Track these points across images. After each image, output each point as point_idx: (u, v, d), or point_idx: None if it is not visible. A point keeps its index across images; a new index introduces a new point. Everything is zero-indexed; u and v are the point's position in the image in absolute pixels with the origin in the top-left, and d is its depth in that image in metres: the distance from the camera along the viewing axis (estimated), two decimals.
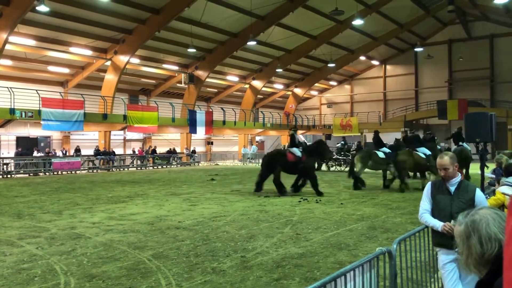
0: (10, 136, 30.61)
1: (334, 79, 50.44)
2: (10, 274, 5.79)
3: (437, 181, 4.08)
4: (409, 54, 45.88)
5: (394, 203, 11.91)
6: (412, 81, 46.58)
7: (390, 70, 48.37)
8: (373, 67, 48.94)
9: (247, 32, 30.30)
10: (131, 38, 28.44)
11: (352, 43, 39.87)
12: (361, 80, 50.43)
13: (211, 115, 35.19)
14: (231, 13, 28.93)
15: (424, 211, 4.01)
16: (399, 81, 47.46)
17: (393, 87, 47.71)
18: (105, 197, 13.92)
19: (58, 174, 25.84)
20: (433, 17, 39.69)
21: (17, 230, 8.74)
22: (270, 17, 30.72)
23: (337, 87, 52.05)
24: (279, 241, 7.53)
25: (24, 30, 25.06)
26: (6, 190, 16.69)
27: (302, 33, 34.96)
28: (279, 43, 35.50)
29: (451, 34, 43.54)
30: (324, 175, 21.97)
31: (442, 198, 3.91)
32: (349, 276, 2.87)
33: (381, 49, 43.97)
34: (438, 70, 44.55)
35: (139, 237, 7.96)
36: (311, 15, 31.82)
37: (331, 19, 33.07)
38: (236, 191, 15.19)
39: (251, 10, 28.59)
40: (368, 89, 49.24)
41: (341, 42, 38.51)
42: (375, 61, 47.38)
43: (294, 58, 38.41)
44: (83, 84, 32.95)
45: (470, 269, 1.59)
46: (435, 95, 43.40)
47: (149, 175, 23.89)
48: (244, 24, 30.98)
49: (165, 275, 5.69)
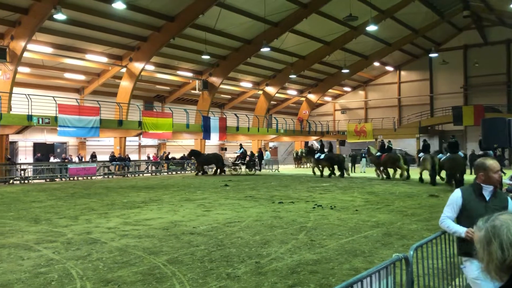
0: (27, 142, 31.10)
1: (348, 85, 50.29)
2: (28, 278, 5.86)
3: (469, 188, 3.91)
4: (423, 60, 45.58)
5: (410, 210, 11.79)
6: (427, 87, 46.23)
7: (404, 76, 48.07)
8: (387, 73, 48.70)
9: (261, 38, 30.43)
10: (146, 46, 28.75)
11: (366, 49, 39.75)
12: (375, 86, 50.20)
13: (224, 121, 35.32)
14: (245, 20, 29.09)
15: (445, 217, 3.88)
16: (413, 87, 47.14)
17: (408, 93, 47.40)
18: (120, 203, 14.03)
19: (74, 179, 26.14)
20: (448, 22, 39.44)
21: (34, 234, 8.85)
22: (284, 24, 30.82)
23: (351, 93, 51.88)
24: (293, 247, 7.50)
25: (42, 38, 25.52)
26: (24, 195, 16.92)
27: (315, 39, 34.98)
28: (292, 49, 35.56)
29: (466, 39, 43.17)
30: (338, 182, 21.88)
31: (476, 205, 3.71)
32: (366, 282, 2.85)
33: (395, 55, 43.76)
34: (453, 76, 44.15)
35: (154, 242, 8.00)
36: (324, 21, 31.85)
37: (344, 25, 33.06)
38: (250, 197, 15.19)
39: (265, 16, 28.72)
40: (383, 95, 48.97)
41: (355, 48, 38.41)
42: (389, 67, 47.15)
43: (307, 64, 38.42)
44: (99, 91, 33.38)
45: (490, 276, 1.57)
46: (451, 101, 43.01)
47: (163, 181, 24.03)
48: (257, 30, 31.12)
49: (180, 280, 5.71)
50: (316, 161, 25.87)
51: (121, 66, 30.32)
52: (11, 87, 24.42)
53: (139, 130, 29.52)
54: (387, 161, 23.40)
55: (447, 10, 36.47)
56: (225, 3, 26.63)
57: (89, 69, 31.42)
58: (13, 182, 24.31)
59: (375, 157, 24.37)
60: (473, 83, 43.64)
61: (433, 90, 45.96)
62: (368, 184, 20.38)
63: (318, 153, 25.90)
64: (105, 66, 30.97)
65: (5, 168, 24.58)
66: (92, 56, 29.12)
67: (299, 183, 21.37)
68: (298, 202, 13.70)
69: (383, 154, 23.70)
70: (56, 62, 29.06)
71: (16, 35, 23.60)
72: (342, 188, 18.26)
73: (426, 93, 46.19)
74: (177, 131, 32.30)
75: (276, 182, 21.88)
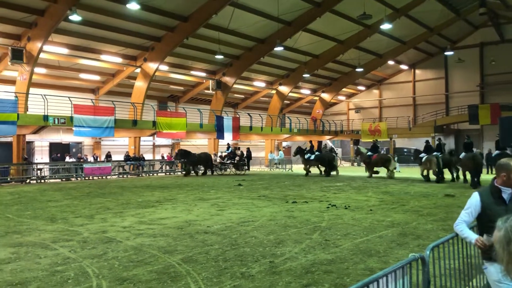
0: (43, 142, 31.50)
1: (362, 84, 49.98)
2: (45, 276, 5.94)
3: (486, 190, 3.80)
4: (439, 58, 45.06)
5: (425, 210, 11.67)
6: (442, 86, 45.69)
7: (419, 75, 47.60)
8: (402, 71, 48.27)
9: (274, 38, 30.39)
10: (160, 46, 28.91)
11: (380, 48, 39.45)
12: (389, 85, 49.79)
13: (238, 121, 35.37)
14: (258, 19, 29.08)
15: (462, 221, 3.79)
16: (428, 86, 46.64)
17: (423, 91, 46.92)
18: (135, 202, 14.14)
19: (89, 179, 26.40)
20: (464, 20, 38.91)
21: (50, 233, 8.97)
22: (297, 23, 30.73)
23: (365, 92, 51.55)
24: (307, 247, 7.48)
25: (58, 39, 25.80)
26: (40, 194, 17.16)
27: (329, 38, 34.83)
28: (306, 49, 35.46)
29: (482, 37, 42.56)
30: (352, 181, 21.76)
31: (496, 209, 3.60)
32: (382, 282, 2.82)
33: (410, 53, 43.33)
34: (469, 74, 43.54)
35: (169, 241, 8.05)
36: (338, 20, 31.68)
37: (358, 24, 32.86)
38: (264, 197, 15.19)
39: (278, 16, 28.67)
40: (397, 94, 48.55)
41: (369, 46, 38.14)
42: (404, 65, 46.72)
43: (321, 63, 38.27)
44: (114, 91, 33.67)
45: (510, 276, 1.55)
46: (466, 99, 42.42)
47: (177, 180, 24.15)
48: (271, 30, 31.08)
49: (194, 279, 5.73)
50: (306, 161, 26.85)
51: (136, 67, 30.54)
52: (28, 88, 24.76)
53: (153, 130, 29.70)
54: (378, 161, 24.72)
55: (463, 7, 36.00)
56: (239, 3, 26.64)
57: (104, 69, 31.71)
58: (29, 181, 24.66)
59: (366, 156, 25.36)
60: (490, 81, 43.00)
61: (448, 88, 45.40)
62: (383, 183, 20.24)
63: (308, 154, 26.82)
64: (119, 66, 31.22)
65: (22, 167, 24.95)
66: (107, 57, 29.37)
67: (313, 182, 21.30)
68: (312, 201, 13.67)
69: (374, 154, 25.06)
70: (71, 63, 29.37)
71: (33, 37, 23.92)
72: (356, 188, 18.16)
73: (441, 92, 45.67)
74: (190, 131, 32.43)
75: (289, 182, 21.85)
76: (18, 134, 24.31)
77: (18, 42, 24.56)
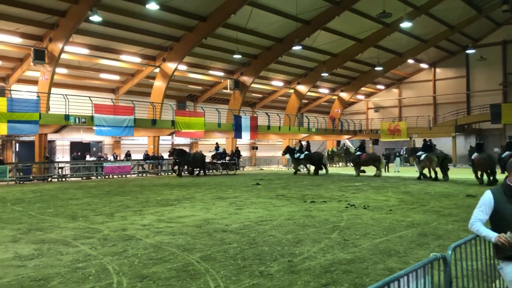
0: (64, 141, 32.03)
1: (381, 83, 49.52)
2: (67, 272, 6.04)
3: (499, 188, 3.77)
4: (460, 56, 44.38)
5: (446, 210, 11.51)
6: (463, 84, 44.98)
7: (440, 73, 46.95)
8: (422, 70, 47.69)
9: (292, 37, 30.30)
10: (179, 46, 29.10)
11: (400, 46, 39.02)
12: (409, 84, 49.24)
13: (255, 120, 35.39)
14: (276, 19, 29.04)
15: (477, 220, 3.76)
16: (449, 85, 45.97)
17: (443, 90, 46.27)
18: (154, 200, 14.27)
19: (109, 177, 26.74)
20: (486, 17, 38.24)
21: (72, 231, 9.11)
22: (316, 22, 30.59)
23: (385, 91, 51.07)
24: (326, 246, 7.44)
25: (78, 40, 26.19)
26: (61, 192, 17.44)
27: (348, 37, 34.59)
28: (324, 47, 35.27)
29: (505, 34, 41.74)
30: (371, 181, 21.59)
31: (508, 208, 3.60)
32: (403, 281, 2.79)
33: (430, 51, 42.76)
34: (491, 73, 42.77)
35: (188, 239, 8.09)
36: (357, 18, 31.44)
37: (378, 22, 32.56)
38: (282, 196, 15.16)
39: (297, 15, 28.59)
40: (417, 93, 47.97)
41: (389, 45, 37.76)
42: (424, 64, 46.15)
43: (340, 62, 38.03)
44: (133, 90, 34.05)
45: None
46: (488, 98, 41.65)
47: (196, 179, 24.28)
48: (289, 29, 31.00)
49: (213, 277, 5.76)
50: (297, 160, 27.89)
51: (155, 66, 30.81)
52: (50, 88, 25.21)
53: (172, 129, 29.92)
54: (367, 160, 25.67)
55: (485, 4, 35.36)
56: (257, 2, 26.65)
57: (124, 69, 32.07)
58: (51, 179, 25.09)
59: (356, 156, 26.27)
60: None
61: (469, 87, 44.67)
62: (402, 183, 20.02)
63: (298, 153, 27.85)
64: (139, 66, 31.54)
65: (44, 166, 25.40)
66: (127, 57, 29.70)
67: (331, 182, 21.19)
68: (330, 201, 13.59)
69: (363, 154, 26.06)
70: (92, 63, 29.79)
71: (54, 37, 24.34)
72: (375, 188, 17.99)
73: (462, 91, 44.95)
74: (209, 130, 32.58)
75: (307, 181, 21.77)
76: (40, 133, 24.76)
77: (40, 43, 25.02)
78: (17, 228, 9.50)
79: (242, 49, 31.00)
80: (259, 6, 27.19)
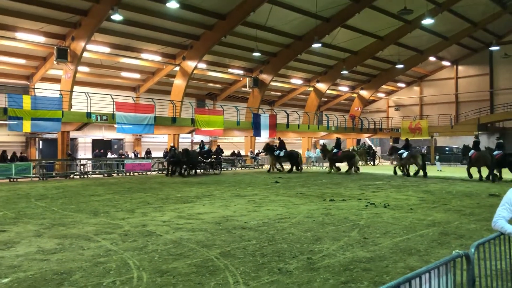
0: (86, 139, 32.52)
1: (402, 81, 48.93)
2: (88, 266, 6.14)
3: None
4: (483, 53, 43.54)
5: (468, 209, 11.32)
6: (486, 82, 44.12)
7: (462, 71, 46.15)
8: (443, 68, 46.95)
9: (312, 34, 30.13)
10: (199, 44, 29.24)
11: (421, 44, 38.50)
12: (431, 82, 48.55)
13: (274, 119, 35.34)
14: (296, 16, 28.94)
15: (500, 217, 3.71)
16: (472, 82, 45.15)
17: (466, 88, 45.47)
18: (174, 197, 14.39)
19: (130, 174, 27.04)
20: (511, 13, 37.37)
21: (93, 226, 9.25)
22: (335, 19, 30.37)
23: (405, 89, 50.45)
24: (346, 244, 7.40)
25: (100, 38, 26.54)
26: (83, 189, 17.72)
27: (368, 34, 34.25)
28: (344, 45, 35.00)
29: None
30: (392, 180, 21.36)
31: None
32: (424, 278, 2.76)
33: (452, 49, 42.04)
34: None
35: (207, 235, 8.14)
36: (378, 15, 31.10)
37: (399, 19, 32.14)
38: (300, 194, 15.12)
39: (316, 12, 28.42)
40: (439, 91, 47.26)
41: (410, 42, 37.29)
42: (446, 61, 45.41)
43: (360, 59, 37.68)
44: (154, 89, 34.37)
45: None
46: None
47: (215, 177, 24.38)
48: (308, 26, 30.86)
49: (232, 273, 5.78)
50: (276, 158, 28.39)
51: (175, 65, 31.02)
52: (72, 86, 25.62)
53: (191, 127, 30.10)
54: (343, 157, 27.00)
55: (510, 0, 34.59)
56: (277, 0, 26.59)
57: (144, 68, 32.38)
58: (73, 176, 25.50)
59: (332, 154, 27.25)
60: None
61: (493, 85, 43.79)
62: (423, 182, 19.76)
63: (278, 151, 28.28)
64: (159, 65, 31.80)
65: (66, 163, 25.84)
66: (147, 55, 29.96)
67: (351, 181, 21.03)
68: (350, 200, 13.50)
69: (339, 151, 27.20)
70: (113, 62, 30.15)
71: (77, 36, 24.70)
72: (396, 187, 17.80)
73: (485, 89, 44.09)
74: (228, 128, 32.66)
75: (326, 180, 21.66)
76: (63, 130, 25.18)
77: (63, 42, 25.44)
78: (40, 223, 9.69)
79: (261, 47, 30.98)
80: (279, 4, 27.13)
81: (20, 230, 8.84)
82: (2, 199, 14.47)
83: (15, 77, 28.91)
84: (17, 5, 22.24)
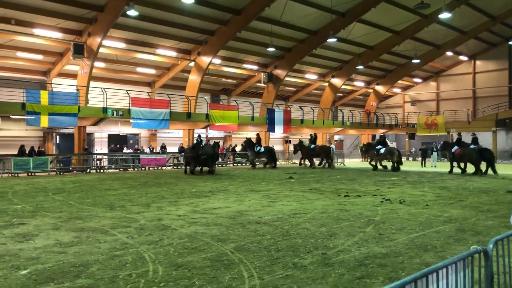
0: (102, 134, 32.85)
1: (419, 76, 48.38)
2: (105, 259, 6.21)
3: None
4: (502, 48, 42.79)
5: (485, 206, 11.17)
6: (505, 77, 43.37)
7: (480, 66, 45.43)
8: (461, 62, 46.28)
9: (327, 29, 29.93)
10: (213, 39, 29.27)
11: (438, 38, 37.97)
12: (447, 77, 47.90)
13: (289, 114, 35.25)
14: (311, 11, 28.77)
15: None
16: (490, 77, 44.42)
17: (484, 83, 44.77)
18: (189, 192, 14.47)
19: (145, 169, 27.26)
20: None
21: (109, 220, 9.35)
22: (351, 13, 30.11)
23: (422, 84, 49.88)
24: (361, 240, 7.36)
25: (116, 34, 26.73)
26: (99, 183, 17.92)
27: (384, 29, 33.90)
28: (360, 40, 34.71)
29: None
30: (407, 176, 21.18)
31: None
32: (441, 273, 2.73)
33: (470, 43, 41.37)
34: None
35: (222, 230, 8.17)
36: (394, 9, 30.73)
37: (415, 13, 31.73)
38: (315, 190, 15.08)
39: (332, 7, 28.23)
40: (456, 86, 46.61)
41: (426, 37, 36.82)
42: (463, 56, 44.75)
43: (375, 54, 37.34)
44: (169, 84, 34.54)
45: None
46: None
47: (229, 172, 24.45)
48: (324, 21, 30.66)
49: (247, 267, 5.79)
50: (256, 154, 28.59)
51: (190, 60, 31.12)
52: (88, 81, 25.89)
53: (206, 123, 30.20)
54: (320, 152, 27.97)
55: None
56: None
57: (160, 63, 32.54)
58: (90, 171, 25.82)
59: (310, 149, 28.21)
60: None
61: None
62: (439, 178, 19.56)
63: (259, 147, 28.58)
64: (174, 60, 31.93)
65: (83, 157, 26.15)
66: (162, 51, 30.10)
67: (366, 177, 20.91)
68: (364, 195, 13.43)
69: (316, 146, 28.23)
70: (129, 57, 30.36)
71: (93, 32, 24.93)
72: (411, 183, 17.65)
73: (504, 84, 43.34)
74: (242, 124, 32.69)
75: (341, 176, 21.57)
76: (79, 125, 25.48)
77: (79, 38, 25.69)
78: (58, 216, 9.83)
79: (276, 42, 30.89)
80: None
81: (38, 223, 8.98)
82: (20, 192, 14.72)
83: (32, 73, 29.32)
84: (35, 2, 22.53)
